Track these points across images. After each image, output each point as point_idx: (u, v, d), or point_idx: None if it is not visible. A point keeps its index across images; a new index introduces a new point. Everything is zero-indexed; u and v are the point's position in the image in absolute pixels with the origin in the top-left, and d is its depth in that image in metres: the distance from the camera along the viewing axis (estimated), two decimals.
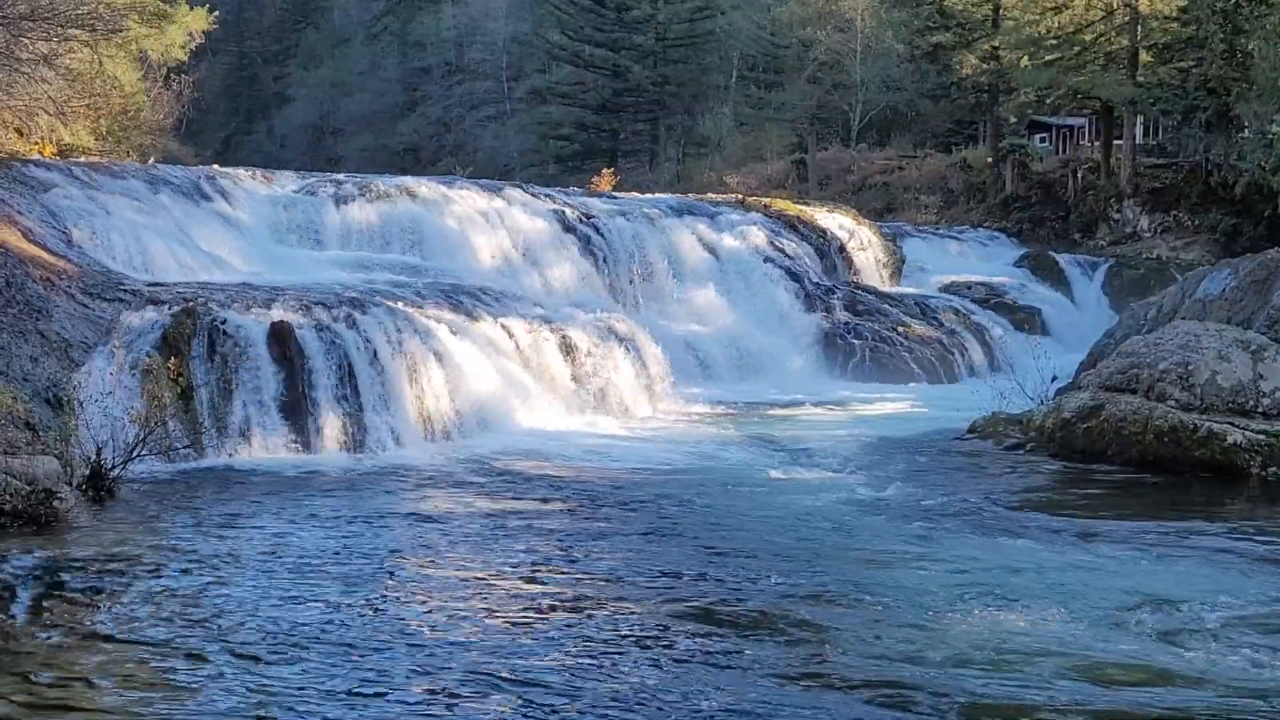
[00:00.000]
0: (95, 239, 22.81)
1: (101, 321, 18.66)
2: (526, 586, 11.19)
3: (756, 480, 17.00)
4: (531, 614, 10.28)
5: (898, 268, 38.88)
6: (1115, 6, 47.80)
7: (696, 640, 9.64)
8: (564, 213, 32.04)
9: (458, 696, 8.38)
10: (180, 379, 17.76)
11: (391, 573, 11.62)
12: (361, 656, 9.11)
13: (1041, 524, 14.17)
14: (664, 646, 9.48)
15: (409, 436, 19.17)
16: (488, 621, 10.03)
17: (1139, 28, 46.16)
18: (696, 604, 10.62)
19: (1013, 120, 55.88)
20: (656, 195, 41.62)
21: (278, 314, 19.66)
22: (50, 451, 13.81)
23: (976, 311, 35.21)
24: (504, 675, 8.76)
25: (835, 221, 38.73)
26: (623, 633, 9.82)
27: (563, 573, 11.69)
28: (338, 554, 12.24)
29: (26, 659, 8.95)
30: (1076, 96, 49.65)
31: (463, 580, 11.37)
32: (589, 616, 10.23)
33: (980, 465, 18.39)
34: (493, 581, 11.34)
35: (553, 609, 10.45)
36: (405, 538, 13.15)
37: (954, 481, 16.99)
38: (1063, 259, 43.06)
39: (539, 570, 11.80)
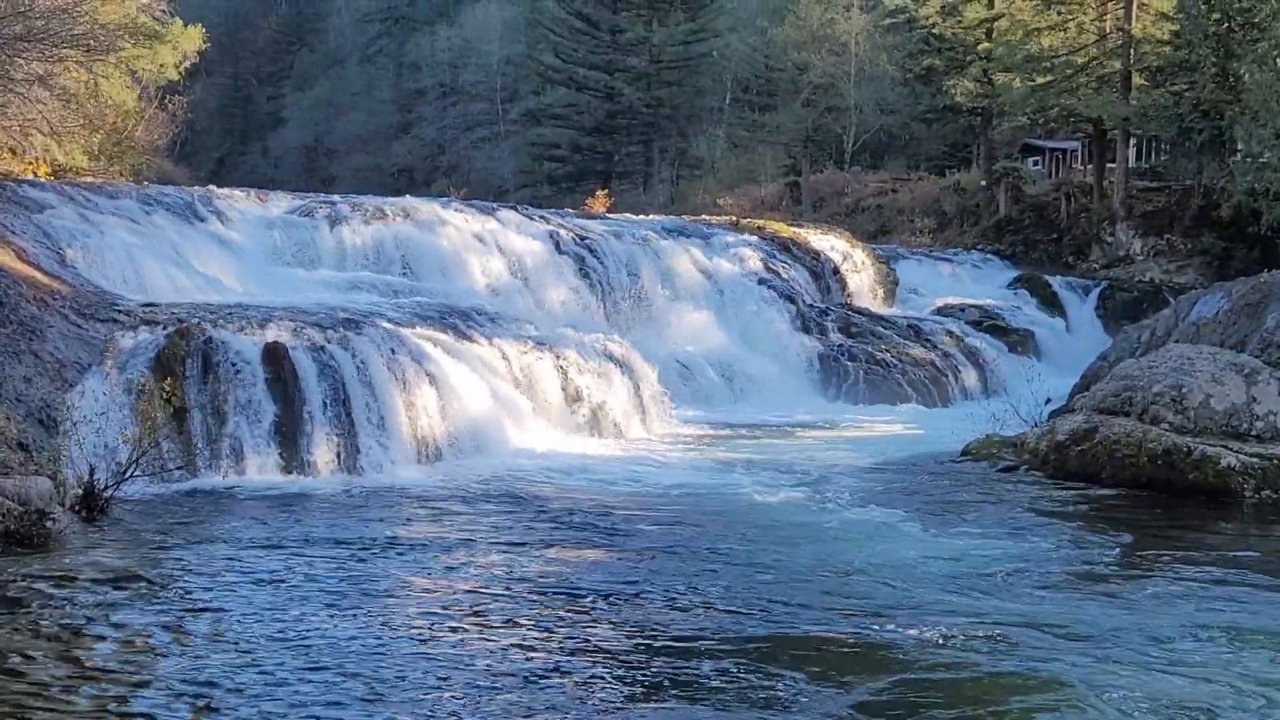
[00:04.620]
0: (89, 259, 22.78)
1: (95, 342, 18.62)
2: (520, 610, 11.14)
3: (748, 503, 16.97)
4: (524, 638, 10.24)
5: (891, 290, 38.96)
6: (1109, 30, 47.99)
7: (689, 671, 9.60)
8: (558, 234, 32.07)
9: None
10: (174, 399, 17.70)
11: (382, 596, 11.57)
12: (350, 680, 9.07)
13: (1035, 548, 14.16)
14: (652, 675, 9.45)
15: (402, 457, 19.12)
16: (479, 645, 10.00)
17: (1132, 51, 46.34)
18: (691, 633, 10.58)
19: (1004, 143, 56.10)
20: (651, 217, 41.73)
21: (272, 335, 19.63)
22: (43, 472, 13.77)
23: (970, 334, 35.23)
24: (495, 699, 8.73)
25: (829, 244, 38.83)
26: (608, 658, 9.79)
27: (558, 597, 11.64)
28: (329, 576, 12.19)
29: (18, 679, 8.91)
30: (1070, 120, 49.81)
31: (454, 604, 11.32)
32: (582, 643, 10.19)
33: (973, 488, 18.37)
34: (486, 605, 11.29)
35: (548, 634, 10.41)
36: (396, 560, 13.11)
37: (947, 504, 16.97)
38: (1056, 282, 43.15)
39: (533, 594, 11.75)
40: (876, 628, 10.54)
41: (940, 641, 10.12)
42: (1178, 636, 10.37)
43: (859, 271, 38.24)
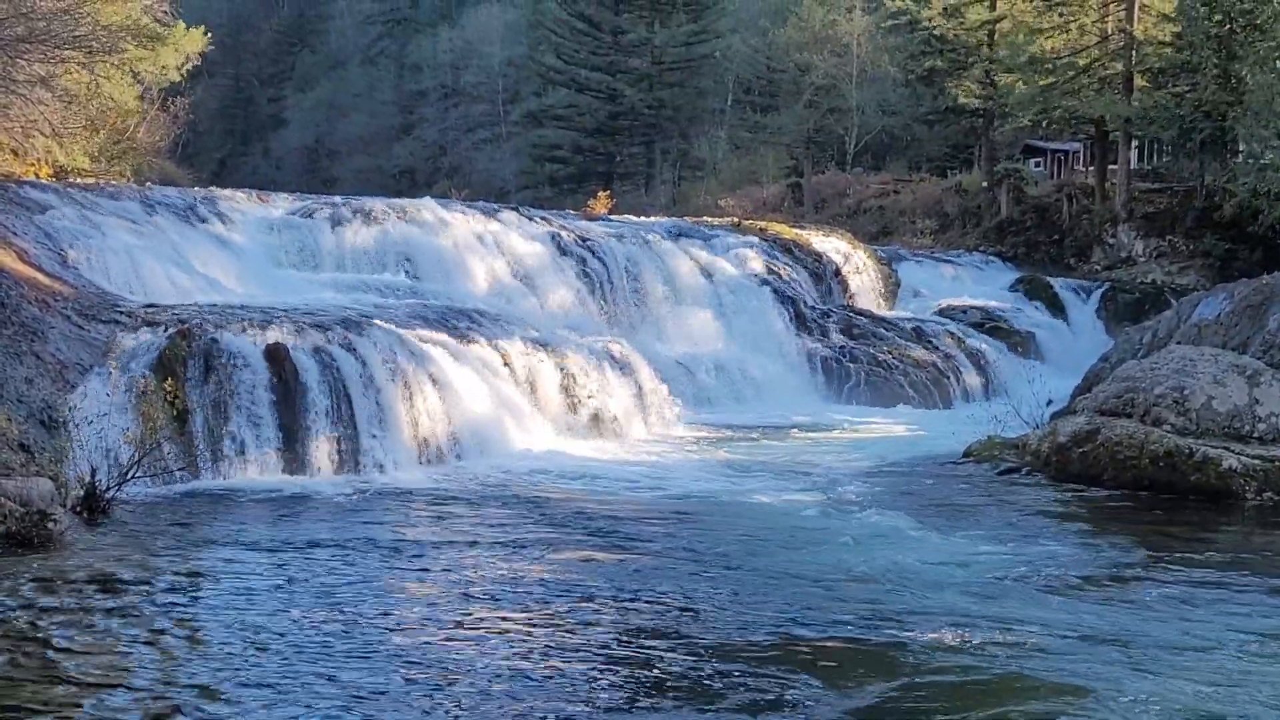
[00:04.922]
0: (91, 260, 22.78)
1: (97, 343, 18.62)
2: (522, 612, 11.13)
3: (750, 504, 16.96)
4: (526, 640, 10.22)
5: (893, 291, 38.91)
6: (1111, 31, 47.98)
7: (691, 674, 9.59)
8: (560, 236, 32.06)
9: None
10: (175, 400, 17.71)
11: (384, 598, 11.57)
12: (352, 682, 9.07)
13: (1039, 550, 14.15)
14: (655, 678, 9.44)
15: (403, 459, 19.13)
16: (480, 646, 9.99)
17: (1134, 53, 46.32)
18: (693, 636, 10.56)
19: (1006, 145, 56.06)
20: (652, 218, 41.68)
21: (273, 336, 19.63)
22: (45, 473, 13.77)
23: (972, 335, 35.17)
24: (497, 701, 8.72)
25: (831, 245, 38.79)
26: (610, 660, 9.78)
27: (559, 599, 11.63)
28: (331, 578, 12.19)
29: (16, 680, 8.90)
30: (1072, 121, 49.78)
31: (456, 605, 11.32)
32: (584, 645, 10.18)
33: (975, 490, 18.35)
34: (487, 607, 11.28)
35: (550, 636, 10.39)
36: (398, 562, 13.10)
37: (949, 506, 16.95)
38: (1057, 283, 43.08)
39: (535, 596, 11.74)
40: (882, 631, 10.52)
41: (947, 645, 10.10)
42: (1184, 639, 10.35)
43: (860, 273, 38.20)
